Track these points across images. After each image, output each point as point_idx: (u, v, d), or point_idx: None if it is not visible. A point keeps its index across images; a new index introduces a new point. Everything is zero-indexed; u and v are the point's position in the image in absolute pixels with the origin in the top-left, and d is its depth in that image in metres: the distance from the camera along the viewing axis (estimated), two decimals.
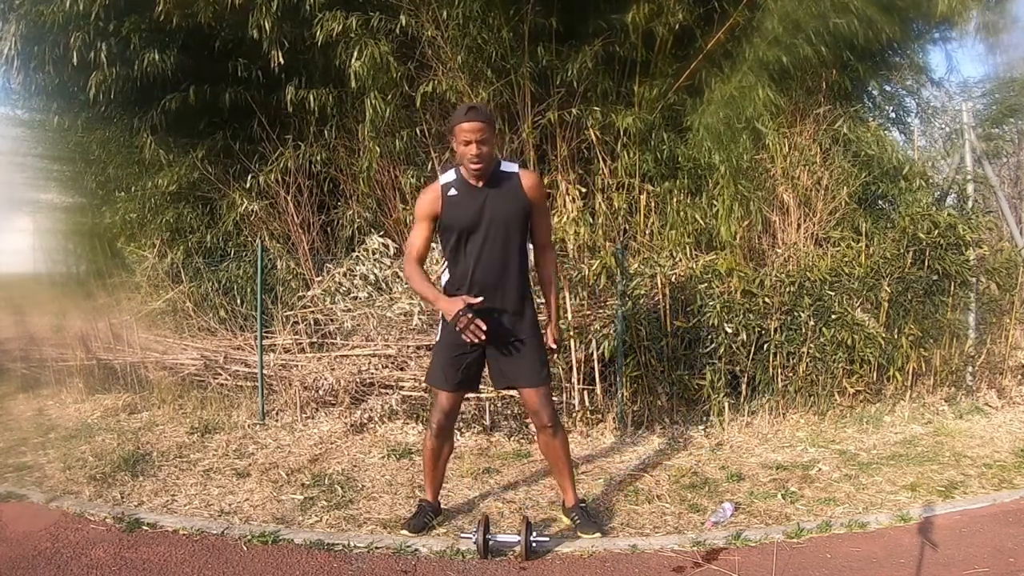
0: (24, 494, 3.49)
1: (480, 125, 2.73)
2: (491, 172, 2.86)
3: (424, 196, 2.95)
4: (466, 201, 2.84)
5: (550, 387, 3.05)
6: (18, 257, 7.75)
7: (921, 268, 4.92)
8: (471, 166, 2.79)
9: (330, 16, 4.74)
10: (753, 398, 4.69)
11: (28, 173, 7.10)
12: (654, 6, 4.91)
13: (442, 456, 3.12)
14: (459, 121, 2.76)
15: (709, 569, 2.75)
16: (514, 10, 4.96)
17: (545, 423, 2.96)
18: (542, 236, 3.01)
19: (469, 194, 2.85)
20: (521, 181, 2.88)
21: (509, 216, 2.85)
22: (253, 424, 4.71)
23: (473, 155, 2.75)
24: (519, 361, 2.91)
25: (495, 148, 2.89)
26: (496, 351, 2.93)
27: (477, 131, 2.72)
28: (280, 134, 5.57)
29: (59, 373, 5.80)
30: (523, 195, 2.86)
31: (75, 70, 5.18)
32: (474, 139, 2.73)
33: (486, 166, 2.81)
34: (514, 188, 2.86)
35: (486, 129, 2.75)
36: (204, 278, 5.74)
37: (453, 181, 2.89)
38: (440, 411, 3.00)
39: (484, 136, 2.74)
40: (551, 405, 3.00)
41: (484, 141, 2.74)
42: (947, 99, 6.98)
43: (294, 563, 2.78)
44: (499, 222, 2.83)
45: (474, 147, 2.74)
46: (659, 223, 5.22)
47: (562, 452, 3.05)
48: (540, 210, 2.96)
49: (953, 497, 3.44)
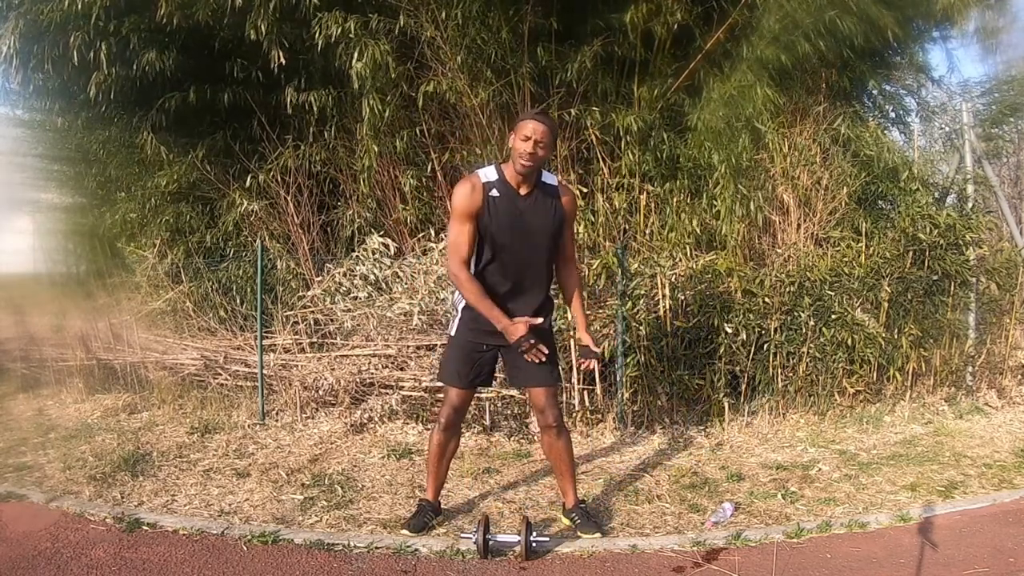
0: (24, 494, 3.49)
1: (545, 129, 2.77)
2: (535, 180, 2.88)
3: (462, 189, 2.83)
4: (509, 207, 2.84)
5: (558, 388, 3.06)
6: (18, 257, 7.75)
7: (921, 268, 4.92)
8: (521, 162, 2.78)
9: (329, 17, 4.74)
10: (753, 398, 4.69)
11: (28, 173, 7.10)
12: (652, 6, 4.91)
13: (447, 452, 3.12)
14: (527, 119, 2.80)
15: (709, 569, 2.75)
16: (513, 10, 4.96)
17: (551, 423, 2.97)
18: (569, 249, 3.05)
19: (512, 199, 2.85)
20: (560, 196, 2.92)
21: (547, 227, 2.89)
22: (253, 424, 4.71)
23: (528, 152, 2.75)
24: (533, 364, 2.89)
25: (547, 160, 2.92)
26: (511, 353, 2.93)
27: (540, 133, 2.75)
28: (280, 134, 5.57)
29: (59, 373, 5.79)
30: (561, 211, 2.92)
31: (75, 70, 5.18)
32: (535, 138, 2.75)
33: (535, 167, 2.82)
34: (553, 202, 2.90)
35: (548, 135, 2.78)
36: (204, 278, 5.75)
37: (495, 181, 2.86)
38: (450, 406, 3.02)
39: (545, 139, 2.77)
40: (557, 406, 3.03)
41: (543, 146, 2.77)
42: (947, 99, 6.98)
43: (294, 563, 2.78)
44: (536, 233, 2.87)
45: (531, 145, 2.75)
46: (659, 223, 5.22)
47: (565, 453, 3.05)
48: (570, 225, 3.03)
49: (953, 497, 3.45)
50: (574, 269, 3.10)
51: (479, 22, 4.94)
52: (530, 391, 3.04)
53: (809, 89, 5.46)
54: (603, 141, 5.25)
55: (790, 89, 5.28)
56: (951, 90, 6.90)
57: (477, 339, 2.92)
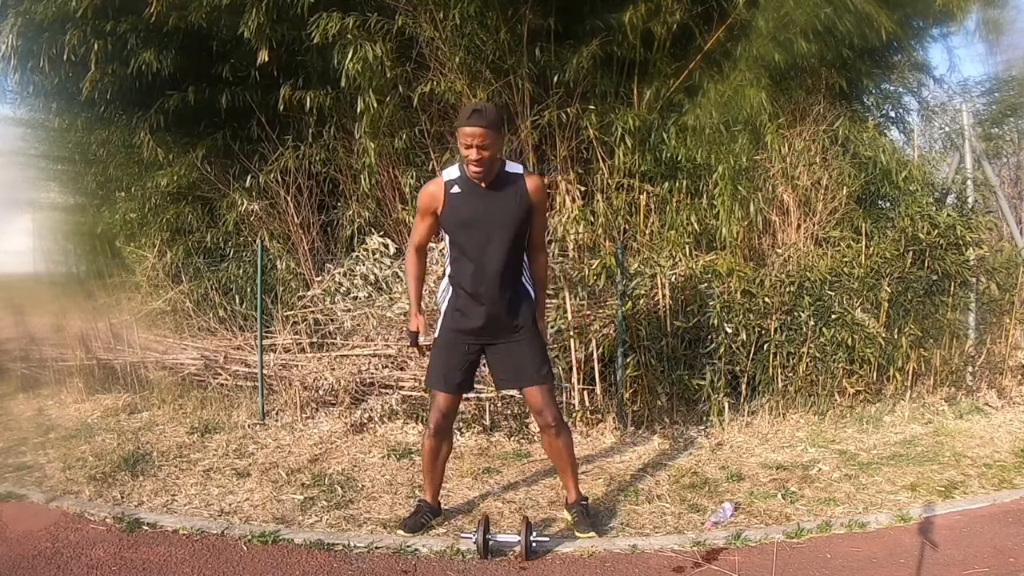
0: (24, 494, 3.49)
1: (481, 131, 2.66)
2: (496, 172, 2.83)
3: (426, 190, 2.93)
4: (469, 200, 2.83)
5: (553, 386, 3.05)
6: (18, 257, 7.74)
7: (921, 268, 4.92)
8: (471, 169, 2.77)
9: (326, 17, 4.74)
10: (753, 398, 4.69)
11: (28, 173, 7.10)
12: (652, 6, 4.90)
13: (440, 456, 3.11)
14: (461, 124, 2.71)
15: (709, 569, 2.75)
16: (512, 10, 4.95)
17: (549, 423, 2.95)
18: (537, 237, 3.00)
19: (472, 193, 2.83)
20: (526, 183, 2.85)
21: (511, 218, 2.82)
22: (253, 424, 4.71)
23: (473, 159, 2.71)
24: (520, 361, 2.91)
25: (500, 150, 2.85)
26: (496, 353, 2.94)
27: (478, 136, 2.66)
28: (279, 134, 5.57)
29: (59, 373, 5.79)
30: (527, 198, 2.84)
31: (72, 69, 5.18)
32: (475, 144, 2.68)
33: (487, 170, 2.77)
34: (518, 190, 2.84)
35: (488, 135, 2.67)
36: (204, 278, 5.74)
37: (457, 179, 2.85)
38: (438, 411, 2.99)
39: (486, 141, 2.68)
40: (555, 405, 3.00)
41: (486, 146, 2.69)
42: (947, 98, 6.97)
43: (294, 563, 2.78)
44: (501, 223, 2.81)
45: (474, 152, 2.69)
46: (659, 223, 5.22)
47: (566, 452, 3.05)
48: (539, 212, 2.95)
49: (953, 497, 3.45)
50: (542, 257, 3.05)
51: (477, 22, 4.93)
52: (524, 393, 3.02)
53: (809, 89, 5.45)
54: (602, 141, 5.25)
55: (790, 89, 5.27)
56: (951, 89, 6.90)
57: (459, 339, 2.91)
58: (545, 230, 3.09)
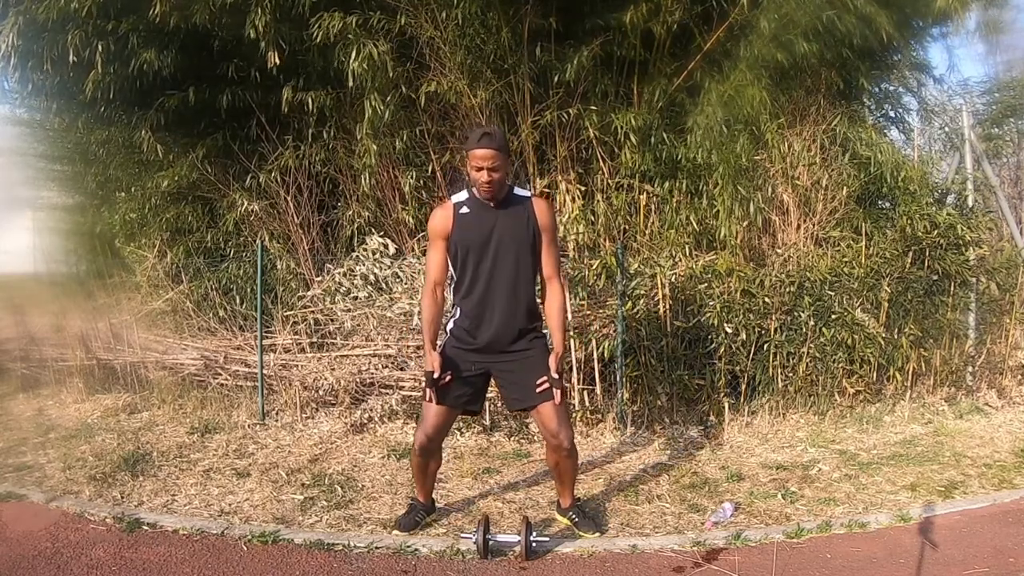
0: (24, 494, 3.49)
1: (493, 153, 2.73)
2: (505, 194, 2.87)
3: (436, 215, 2.93)
4: (478, 220, 2.85)
5: (567, 405, 2.99)
6: (18, 257, 7.74)
7: (921, 268, 4.92)
8: (483, 191, 2.81)
9: (328, 16, 4.74)
10: (753, 398, 4.69)
11: (28, 173, 7.10)
12: (652, 6, 4.91)
13: (429, 470, 3.09)
14: (472, 147, 2.75)
15: (709, 569, 2.75)
16: (513, 10, 4.95)
17: (564, 445, 2.86)
18: (549, 267, 2.93)
19: (481, 214, 2.85)
20: (533, 207, 2.89)
21: (519, 238, 2.85)
22: (253, 424, 4.71)
23: (484, 182, 2.76)
24: (530, 380, 2.85)
25: (509, 173, 2.90)
26: (505, 373, 2.92)
27: (489, 159, 2.72)
28: (280, 134, 5.57)
29: (59, 373, 5.79)
30: (533, 220, 2.87)
31: (73, 69, 5.17)
32: (486, 166, 2.73)
33: (498, 191, 2.82)
34: (525, 212, 2.87)
35: (498, 156, 2.74)
36: (204, 278, 5.74)
37: (466, 200, 2.89)
38: (423, 430, 2.88)
39: (496, 163, 2.74)
40: (569, 426, 2.92)
41: (496, 168, 2.75)
42: (947, 98, 6.97)
43: (294, 563, 2.79)
44: (509, 243, 2.84)
45: (486, 174, 2.74)
46: (659, 223, 5.22)
47: (571, 471, 3.05)
48: (549, 239, 2.92)
49: (953, 497, 3.45)
50: (557, 288, 2.94)
51: (478, 22, 4.93)
52: (538, 412, 2.87)
53: (808, 89, 5.45)
54: (602, 141, 5.25)
55: (790, 89, 5.27)
56: (951, 90, 6.90)
57: (461, 355, 2.88)
58: (558, 256, 3.01)
